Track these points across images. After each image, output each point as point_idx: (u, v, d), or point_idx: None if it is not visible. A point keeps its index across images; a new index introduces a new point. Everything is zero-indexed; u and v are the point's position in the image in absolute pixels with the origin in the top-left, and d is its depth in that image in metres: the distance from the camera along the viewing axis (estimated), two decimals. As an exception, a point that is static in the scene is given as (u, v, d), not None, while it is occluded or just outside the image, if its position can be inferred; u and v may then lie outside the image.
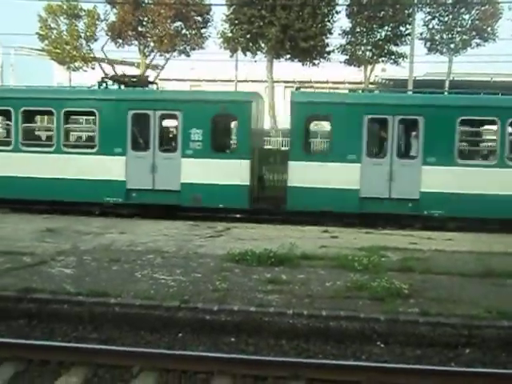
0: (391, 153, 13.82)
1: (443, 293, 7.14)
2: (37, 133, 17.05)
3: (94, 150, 14.57)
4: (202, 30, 33.24)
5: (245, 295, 6.82)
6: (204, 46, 33.70)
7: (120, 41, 32.24)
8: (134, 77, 17.02)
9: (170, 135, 15.65)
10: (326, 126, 16.27)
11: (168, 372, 5.26)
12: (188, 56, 33.80)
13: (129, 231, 11.47)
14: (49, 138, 15.66)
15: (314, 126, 17.03)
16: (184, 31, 32.87)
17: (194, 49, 33.53)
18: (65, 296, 6.70)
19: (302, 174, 13.78)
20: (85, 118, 18.01)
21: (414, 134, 14.38)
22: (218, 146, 14.46)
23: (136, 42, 32.90)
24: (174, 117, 14.62)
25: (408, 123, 14.37)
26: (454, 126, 13.48)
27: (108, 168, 14.35)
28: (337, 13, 31.12)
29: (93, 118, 14.98)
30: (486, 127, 15.45)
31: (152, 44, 32.75)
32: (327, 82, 45.93)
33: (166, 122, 15.58)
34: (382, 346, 6.05)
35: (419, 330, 6.11)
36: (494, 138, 14.18)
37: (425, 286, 7.41)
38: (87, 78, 30.36)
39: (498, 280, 7.85)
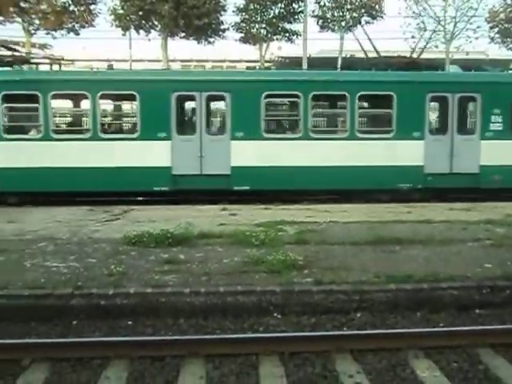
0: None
1: (336, 262, 7.41)
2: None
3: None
4: (92, 7, 31.84)
5: (141, 277, 6.71)
6: (94, 23, 32.35)
7: (1, 18, 30.17)
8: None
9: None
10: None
11: (62, 361, 5.08)
12: (77, 34, 32.31)
13: (18, 220, 10.86)
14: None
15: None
16: (72, 7, 31.32)
17: (83, 26, 32.07)
18: None
19: None
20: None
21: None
22: None
23: (19, 20, 30.94)
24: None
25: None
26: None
27: None
28: (230, -10, 31.08)
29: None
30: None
31: (37, 21, 30.95)
32: (224, 61, 45.90)
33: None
34: (279, 316, 6.19)
35: (313, 298, 6.30)
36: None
37: (319, 257, 7.66)
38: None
39: (388, 247, 8.27)
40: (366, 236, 8.84)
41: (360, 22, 32.90)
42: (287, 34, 32.68)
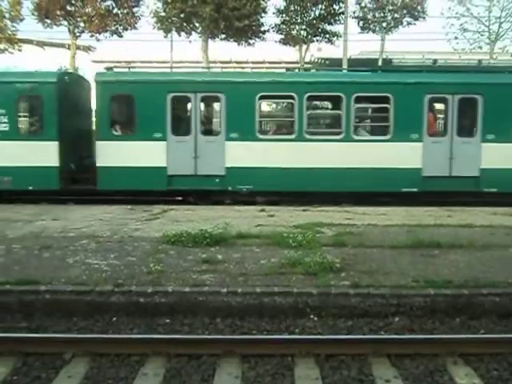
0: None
1: (374, 265, 7.35)
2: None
3: None
4: (134, 9, 32.32)
5: (179, 276, 6.80)
6: (137, 26, 32.84)
7: (48, 21, 30.98)
8: None
9: None
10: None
11: (101, 356, 5.20)
12: (120, 37, 32.83)
13: (62, 217, 11.15)
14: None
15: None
16: (115, 10, 31.92)
17: (126, 29, 32.60)
18: (-9, 285, 6.48)
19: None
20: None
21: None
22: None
23: (65, 23, 31.71)
24: None
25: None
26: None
27: None
28: (271, -9, 31.14)
29: None
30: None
31: (82, 24, 31.65)
32: (264, 62, 45.97)
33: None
34: (316, 319, 6.18)
35: (350, 301, 6.27)
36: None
37: (357, 260, 7.61)
38: (16, 60, 29.17)
39: (427, 251, 8.15)
40: (404, 239, 8.73)
41: (401, 23, 32.47)
42: (327, 36, 32.46)
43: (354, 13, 32.31)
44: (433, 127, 14.71)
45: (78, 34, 32.41)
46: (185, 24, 30.76)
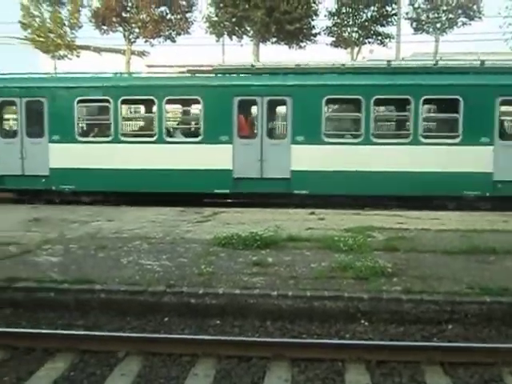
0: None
1: (427, 270, 7.21)
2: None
3: None
4: (187, 15, 32.89)
5: (230, 278, 6.86)
6: (189, 30, 33.39)
7: (104, 27, 31.89)
8: None
9: None
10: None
11: (154, 355, 5.31)
12: (173, 41, 33.48)
13: (116, 218, 11.46)
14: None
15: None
16: (169, 16, 32.54)
17: (179, 34, 33.20)
18: (51, 284, 6.70)
19: None
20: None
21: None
22: None
23: (121, 29, 32.56)
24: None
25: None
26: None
27: None
28: (322, -6, 31.01)
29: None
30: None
31: (137, 30, 32.42)
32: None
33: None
34: (366, 324, 6.11)
35: (402, 307, 6.17)
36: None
37: (409, 265, 7.48)
38: (73, 66, 30.08)
39: (482, 257, 7.93)
40: (458, 245, 8.52)
41: (456, 24, 31.72)
42: (379, 38, 32.08)
43: (406, 14, 31.84)
44: (244, 129, 14.62)
45: (132, 40, 33.23)
46: (236, 28, 31.03)
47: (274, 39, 31.83)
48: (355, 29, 31.54)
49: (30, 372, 5.02)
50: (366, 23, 31.13)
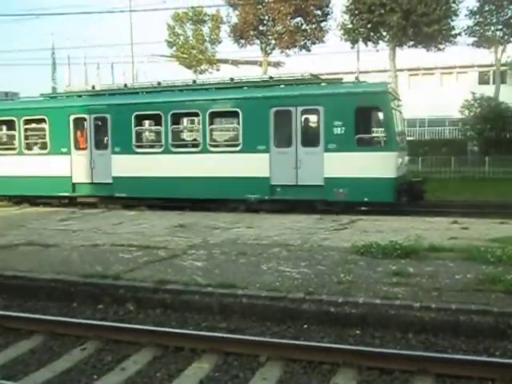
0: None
1: None
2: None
3: None
4: (322, 24, 33.16)
5: (369, 287, 6.74)
6: (324, 39, 33.57)
7: (242, 41, 33.11)
8: None
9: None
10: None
11: (294, 362, 5.37)
12: (308, 51, 33.89)
13: (255, 225, 11.79)
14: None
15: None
16: (304, 26, 32.98)
17: (314, 43, 33.54)
18: (196, 287, 7.05)
19: None
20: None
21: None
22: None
23: (257, 41, 33.59)
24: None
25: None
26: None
27: None
28: (462, -8, 29.59)
29: None
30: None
31: (273, 42, 33.25)
32: (454, 67, 43.76)
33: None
34: (519, 342, 5.69)
35: (561, 326, 5.66)
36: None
37: None
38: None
39: None
40: None
41: None
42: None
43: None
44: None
45: (269, 51, 34.14)
46: (372, 34, 30.63)
47: (411, 43, 30.96)
48: (499, 27, 29.71)
49: (180, 370, 5.32)
50: (511, 20, 29.19)
